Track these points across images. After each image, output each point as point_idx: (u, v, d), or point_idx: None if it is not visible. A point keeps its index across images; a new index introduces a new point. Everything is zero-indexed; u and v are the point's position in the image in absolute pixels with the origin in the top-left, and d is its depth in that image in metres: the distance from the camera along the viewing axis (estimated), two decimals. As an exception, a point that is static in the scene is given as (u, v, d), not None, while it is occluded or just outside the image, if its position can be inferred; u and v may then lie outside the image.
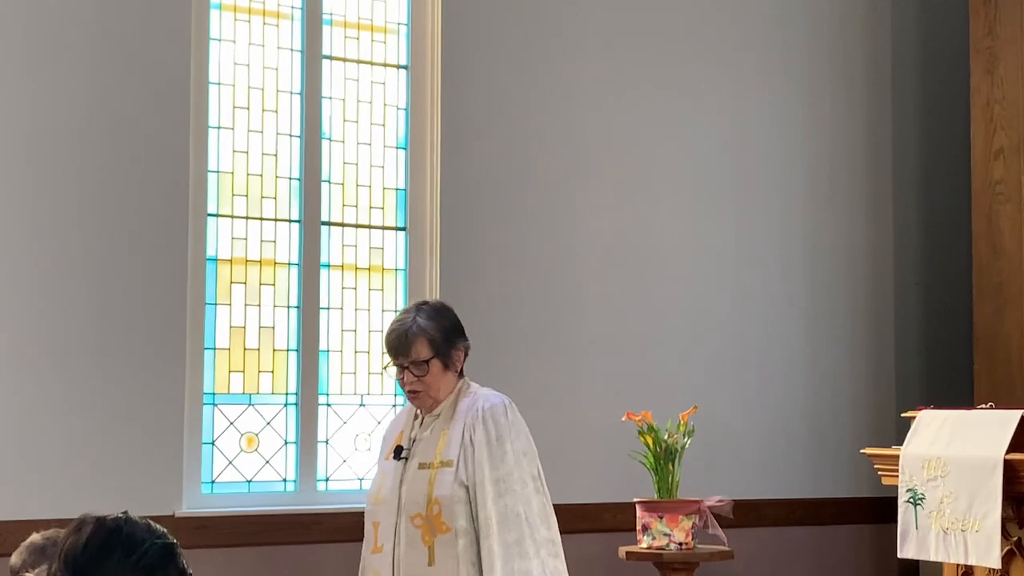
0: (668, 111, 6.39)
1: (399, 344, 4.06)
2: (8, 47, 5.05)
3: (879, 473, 4.70)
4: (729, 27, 6.57)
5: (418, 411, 4.14)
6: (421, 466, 3.97)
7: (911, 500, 4.33)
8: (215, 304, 5.49)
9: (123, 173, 5.21)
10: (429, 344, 4.01)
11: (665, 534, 5.31)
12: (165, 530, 2.32)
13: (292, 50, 5.74)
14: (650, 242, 6.30)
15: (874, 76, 6.93)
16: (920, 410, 4.53)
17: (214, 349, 5.47)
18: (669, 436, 5.41)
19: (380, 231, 5.88)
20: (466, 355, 4.12)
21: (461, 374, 4.12)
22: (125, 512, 2.30)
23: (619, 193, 6.25)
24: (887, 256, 6.89)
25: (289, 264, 5.66)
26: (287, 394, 5.62)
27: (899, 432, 5.21)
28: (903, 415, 4.79)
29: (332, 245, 5.76)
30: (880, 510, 6.17)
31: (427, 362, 4.01)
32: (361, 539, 4.26)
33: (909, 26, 7.04)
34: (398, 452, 4.06)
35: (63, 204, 5.10)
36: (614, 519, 5.80)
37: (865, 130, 6.89)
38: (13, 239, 5.01)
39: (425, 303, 4.17)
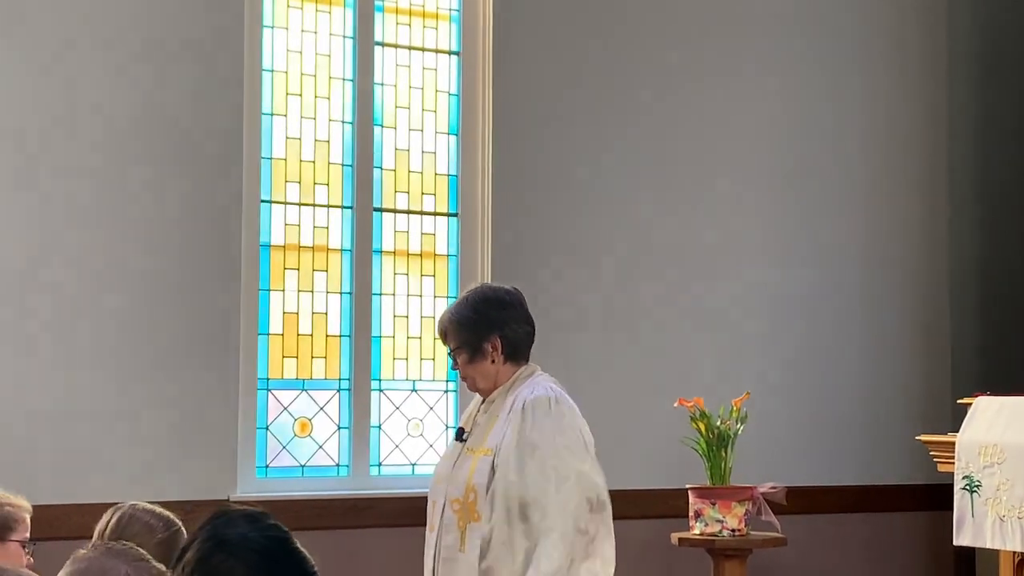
0: (723, 96, 6.35)
1: (437, 331, 4.14)
2: (66, 38, 5.09)
3: (935, 460, 4.67)
4: (781, 10, 6.51)
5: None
6: (468, 451, 3.96)
7: (967, 487, 4.30)
8: (269, 290, 5.52)
9: (178, 160, 5.25)
10: (453, 335, 4.01)
11: (718, 520, 5.30)
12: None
13: (344, 37, 5.76)
14: (704, 228, 6.27)
15: (929, 55, 6.85)
16: (976, 396, 4.49)
17: (268, 335, 5.51)
18: (722, 422, 5.39)
19: (432, 217, 5.89)
20: (510, 344, 4.02)
21: (523, 360, 4.06)
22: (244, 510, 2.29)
23: (672, 178, 6.22)
24: (943, 240, 6.82)
25: (342, 250, 5.69)
26: (340, 379, 5.65)
27: (955, 419, 5.16)
28: (959, 402, 4.75)
29: (384, 231, 5.78)
30: (936, 497, 6.11)
31: (453, 352, 4.03)
32: (413, 524, 4.28)
33: (965, 11, 6.96)
34: (459, 434, 4.06)
35: (119, 192, 5.14)
36: (667, 505, 5.78)
37: (920, 112, 6.81)
38: (69, 226, 5.06)
39: (471, 290, 4.12)
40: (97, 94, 5.13)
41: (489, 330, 3.98)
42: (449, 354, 4.07)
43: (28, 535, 3.44)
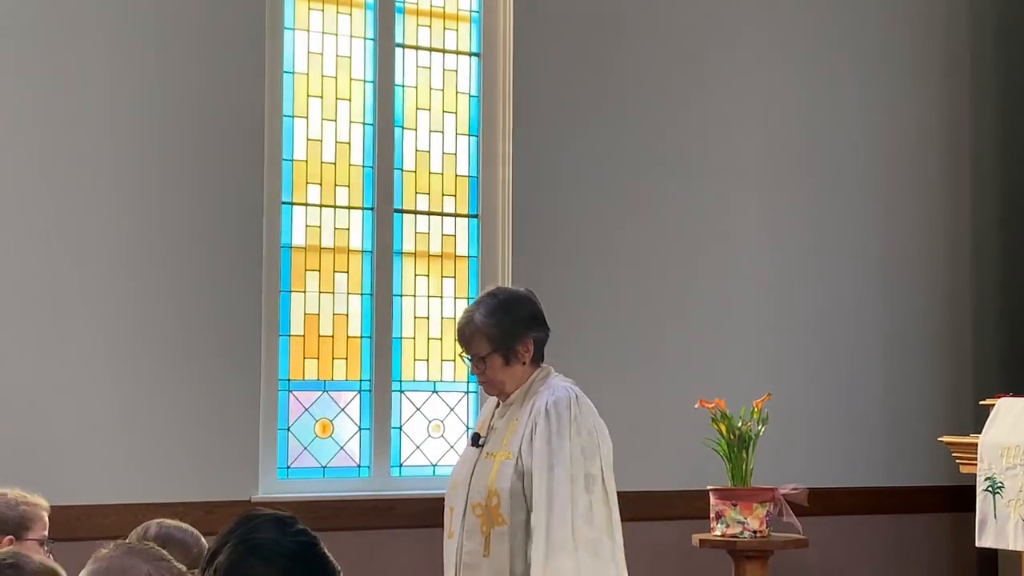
0: (744, 98, 6.34)
1: (461, 338, 4.01)
2: (86, 37, 5.12)
3: (957, 461, 4.65)
4: (802, 14, 6.50)
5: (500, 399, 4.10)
6: (488, 455, 3.93)
7: (989, 488, 4.28)
8: (290, 291, 5.54)
9: (199, 162, 5.26)
10: (487, 340, 3.92)
11: (739, 522, 5.28)
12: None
13: (365, 39, 5.77)
14: (725, 228, 6.26)
15: (951, 61, 6.83)
16: (999, 397, 4.47)
17: (289, 336, 5.52)
18: (743, 423, 5.37)
19: (452, 218, 5.89)
20: (538, 345, 4.01)
21: (540, 361, 4.04)
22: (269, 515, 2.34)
23: (693, 180, 6.21)
24: (965, 241, 6.79)
25: (363, 251, 5.70)
26: (361, 381, 5.66)
27: (977, 420, 5.14)
28: (982, 402, 4.73)
29: (405, 232, 5.79)
30: (958, 498, 6.10)
31: (485, 358, 3.94)
32: (434, 525, 4.27)
33: (989, 11, 6.93)
34: (475, 439, 4.03)
35: (140, 193, 5.16)
36: (687, 506, 5.77)
37: (943, 115, 6.79)
38: (91, 230, 5.09)
39: (493, 294, 4.05)
40: (117, 95, 5.15)
41: (523, 333, 3.95)
42: (479, 359, 3.95)
43: (46, 533, 3.45)
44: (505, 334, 3.93)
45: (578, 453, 3.80)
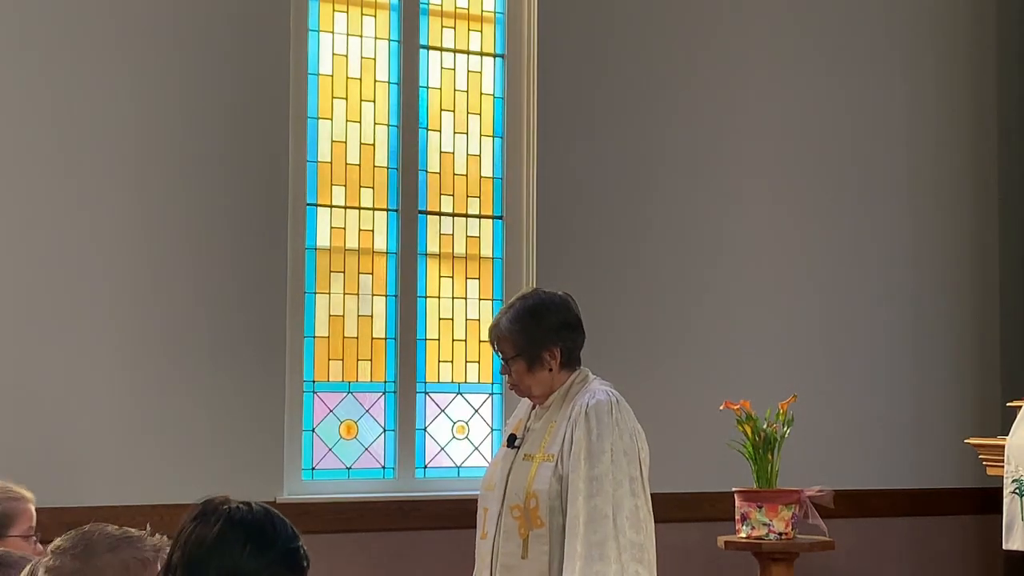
0: (769, 97, 6.32)
1: (490, 339, 4.06)
2: (110, 39, 5.14)
3: (984, 463, 4.63)
4: (833, 11, 6.48)
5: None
6: (526, 457, 3.92)
7: (1016, 491, 4.26)
8: (314, 293, 5.55)
9: (224, 164, 5.28)
10: (511, 344, 3.93)
11: (764, 524, 5.27)
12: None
13: (389, 40, 5.78)
14: (750, 229, 6.24)
15: (978, 60, 6.80)
16: (1026, 399, 4.44)
17: (313, 337, 5.53)
18: (768, 425, 5.36)
19: (477, 220, 5.90)
20: (568, 351, 4.00)
21: (577, 364, 4.03)
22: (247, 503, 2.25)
23: (718, 180, 6.20)
24: (993, 242, 6.76)
25: (387, 253, 5.71)
26: (385, 382, 5.67)
27: (1004, 422, 5.12)
28: (1009, 404, 4.71)
29: (429, 234, 5.79)
30: (985, 501, 6.06)
31: (508, 361, 3.95)
32: (458, 526, 4.28)
33: (1016, 5, 6.90)
34: (511, 440, 4.02)
35: (165, 195, 5.18)
36: (713, 508, 5.76)
37: (969, 115, 6.76)
38: (116, 230, 5.11)
39: (525, 297, 4.03)
40: (141, 97, 5.17)
41: (549, 340, 3.92)
42: (505, 361, 3.97)
43: (32, 525, 3.27)
44: (530, 340, 3.91)
45: (621, 455, 3.78)
